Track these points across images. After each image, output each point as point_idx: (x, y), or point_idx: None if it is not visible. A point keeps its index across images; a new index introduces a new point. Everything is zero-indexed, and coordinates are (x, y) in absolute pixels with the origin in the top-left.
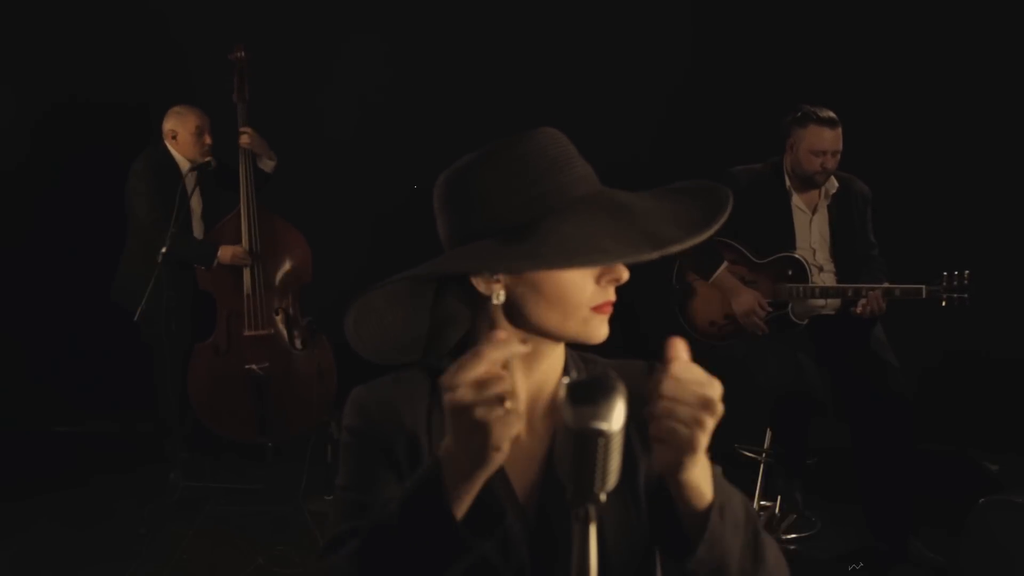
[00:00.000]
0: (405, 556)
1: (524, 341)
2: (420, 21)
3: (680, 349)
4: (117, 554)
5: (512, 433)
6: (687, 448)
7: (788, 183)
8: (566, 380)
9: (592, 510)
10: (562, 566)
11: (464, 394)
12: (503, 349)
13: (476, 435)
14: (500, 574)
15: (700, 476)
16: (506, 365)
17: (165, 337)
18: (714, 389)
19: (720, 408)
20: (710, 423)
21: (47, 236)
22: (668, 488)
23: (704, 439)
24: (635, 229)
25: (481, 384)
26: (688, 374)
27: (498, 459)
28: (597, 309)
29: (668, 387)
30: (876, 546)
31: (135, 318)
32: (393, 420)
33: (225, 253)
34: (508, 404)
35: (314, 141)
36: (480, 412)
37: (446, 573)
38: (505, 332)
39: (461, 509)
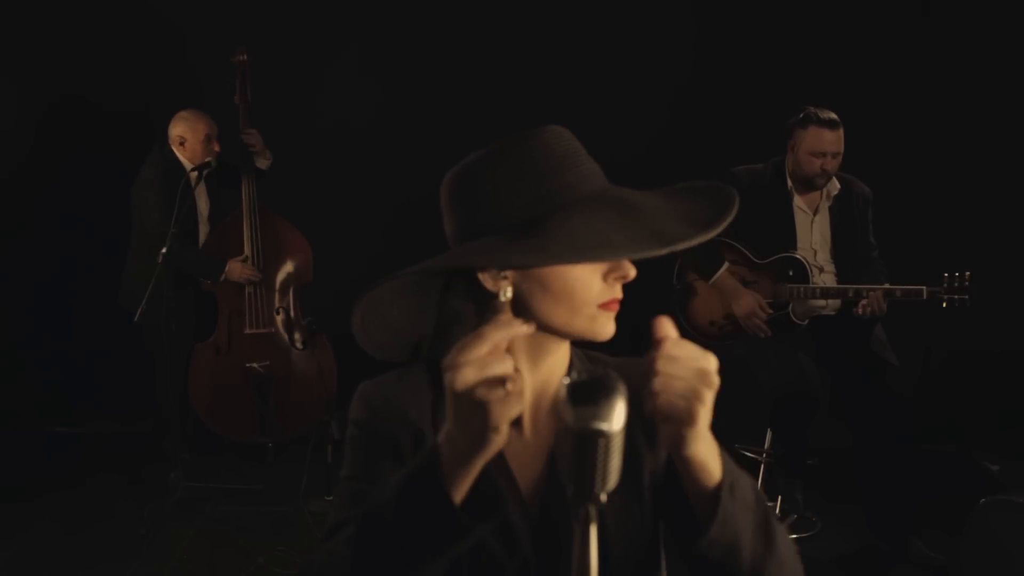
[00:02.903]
0: (402, 539)
1: (531, 338)
2: (423, 22)
3: (668, 328)
4: (117, 554)
5: (512, 414)
6: (687, 421)
7: (790, 184)
8: (566, 380)
9: (592, 510)
10: (567, 562)
11: (466, 374)
12: (505, 330)
13: (476, 416)
14: (504, 569)
15: (706, 453)
16: (509, 348)
17: (165, 337)
18: (709, 362)
19: (716, 380)
20: (708, 395)
21: (48, 236)
22: (677, 470)
23: (704, 412)
24: (643, 226)
25: (483, 365)
26: (681, 350)
27: (497, 441)
28: (604, 306)
29: (663, 364)
30: (876, 546)
31: (135, 318)
32: (399, 415)
33: (234, 270)
34: (509, 385)
35: (315, 142)
36: (481, 392)
37: (443, 558)
38: (508, 315)
39: (459, 493)
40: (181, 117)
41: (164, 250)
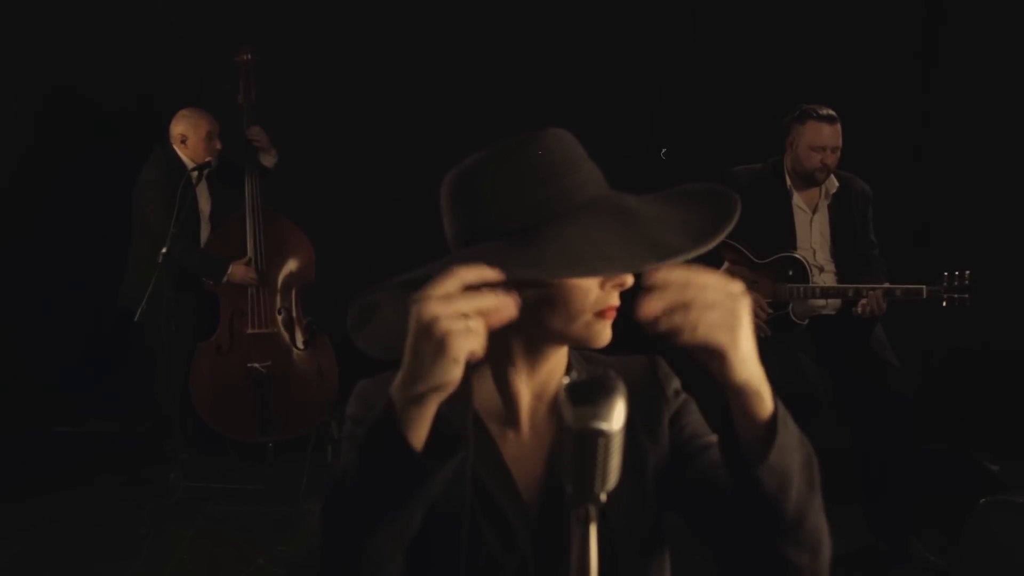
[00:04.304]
0: (366, 495)
1: (528, 342)
2: (424, 22)
3: (659, 273)
4: (117, 554)
5: (469, 347)
6: (734, 346)
7: (789, 182)
8: (566, 380)
9: (592, 510)
10: (566, 563)
11: (432, 306)
12: (477, 271)
13: (436, 347)
14: (503, 570)
15: (757, 379)
16: (508, 350)
17: (166, 337)
18: (736, 284)
19: (749, 299)
20: (747, 316)
21: (50, 237)
22: (728, 403)
23: (747, 334)
24: (641, 237)
25: (449, 298)
26: (708, 276)
27: (453, 375)
28: (601, 314)
29: (696, 293)
30: (876, 546)
31: (135, 318)
32: None
33: (236, 272)
34: (471, 322)
35: (317, 142)
36: (443, 324)
37: (411, 506)
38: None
39: (418, 436)
40: (182, 115)
41: (164, 250)
